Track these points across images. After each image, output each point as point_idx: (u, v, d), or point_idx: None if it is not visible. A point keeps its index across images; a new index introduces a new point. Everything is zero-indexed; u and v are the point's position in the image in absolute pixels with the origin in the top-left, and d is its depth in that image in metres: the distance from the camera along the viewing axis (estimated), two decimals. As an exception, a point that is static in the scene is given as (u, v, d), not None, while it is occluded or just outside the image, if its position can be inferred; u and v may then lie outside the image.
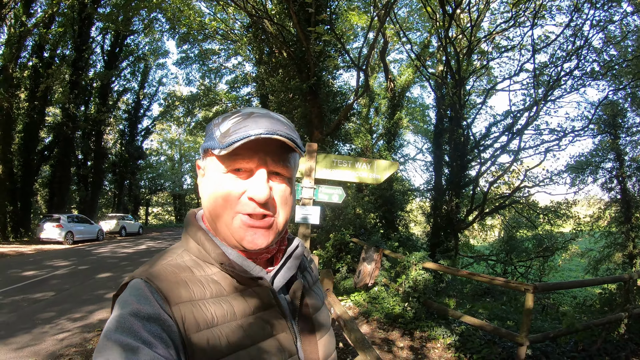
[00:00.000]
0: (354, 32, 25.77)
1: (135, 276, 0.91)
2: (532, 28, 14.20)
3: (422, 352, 6.58)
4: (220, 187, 0.94)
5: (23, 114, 23.53)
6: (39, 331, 6.89)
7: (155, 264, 0.95)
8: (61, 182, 27.36)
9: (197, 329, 0.85)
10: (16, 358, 5.73)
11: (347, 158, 6.41)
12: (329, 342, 1.12)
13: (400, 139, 24.41)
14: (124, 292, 0.88)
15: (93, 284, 11.07)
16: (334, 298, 4.80)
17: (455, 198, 16.61)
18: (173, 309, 0.84)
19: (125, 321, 0.79)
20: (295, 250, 1.09)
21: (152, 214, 59.55)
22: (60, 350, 6.09)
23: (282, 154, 0.96)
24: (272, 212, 0.95)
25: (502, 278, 7.66)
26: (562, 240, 18.58)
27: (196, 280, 0.91)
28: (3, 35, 21.88)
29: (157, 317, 0.81)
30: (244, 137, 0.88)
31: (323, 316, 1.15)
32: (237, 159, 0.92)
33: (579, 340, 6.14)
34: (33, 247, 19.50)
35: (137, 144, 40.60)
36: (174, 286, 0.87)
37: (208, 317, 0.87)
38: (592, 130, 16.50)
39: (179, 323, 0.83)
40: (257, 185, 0.91)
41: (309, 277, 1.19)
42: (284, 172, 0.97)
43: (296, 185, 5.84)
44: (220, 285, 0.94)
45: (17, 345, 6.18)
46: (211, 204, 0.96)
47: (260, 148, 0.92)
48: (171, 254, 0.99)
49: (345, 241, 12.60)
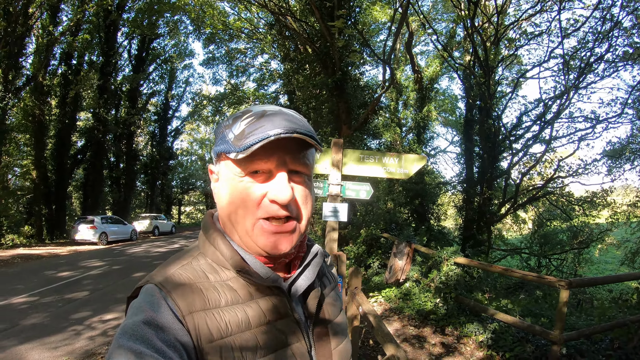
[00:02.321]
0: (378, 25, 25.65)
1: (150, 281, 0.89)
2: (559, 12, 13.81)
3: (454, 349, 6.50)
4: (238, 192, 0.91)
5: (55, 119, 24.26)
6: (73, 330, 7.09)
7: (170, 268, 0.92)
8: (94, 184, 28.09)
9: (211, 339, 0.83)
10: (51, 357, 5.89)
11: (374, 153, 6.31)
12: (345, 351, 1.09)
13: (430, 131, 24.10)
14: (138, 298, 0.87)
15: (127, 283, 11.32)
16: (362, 297, 4.75)
17: (487, 190, 16.34)
18: (187, 318, 0.83)
19: (138, 329, 0.77)
20: (315, 257, 1.06)
21: (185, 213, 60.46)
22: (93, 349, 6.24)
23: (300, 151, 0.93)
24: (295, 213, 0.93)
25: (535, 273, 7.48)
26: (598, 232, 18.12)
27: (211, 287, 0.89)
28: (31, 45, 22.41)
29: (170, 326, 0.80)
30: (263, 138, 0.84)
31: (340, 324, 1.12)
32: (254, 160, 0.88)
33: (615, 337, 5.95)
34: (68, 248, 20.01)
35: (167, 144, 41.33)
36: (188, 294, 0.86)
37: (222, 326, 0.85)
38: (626, 116, 15.95)
39: (192, 333, 0.82)
40: (279, 187, 0.88)
41: (327, 283, 1.16)
42: (303, 170, 0.95)
43: (323, 182, 5.84)
44: (235, 292, 0.92)
45: (52, 344, 6.36)
46: (229, 210, 0.93)
47: (278, 147, 0.88)
48: (187, 257, 0.97)
49: (376, 236, 12.54)
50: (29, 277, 11.99)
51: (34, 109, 22.14)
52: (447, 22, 27.31)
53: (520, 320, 6.00)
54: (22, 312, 8.19)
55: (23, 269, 13.52)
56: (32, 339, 6.52)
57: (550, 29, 15.64)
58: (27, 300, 9.12)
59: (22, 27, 19.37)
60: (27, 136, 24.32)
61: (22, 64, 20.96)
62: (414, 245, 9.67)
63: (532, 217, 21.58)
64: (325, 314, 1.07)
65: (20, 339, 6.50)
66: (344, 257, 5.46)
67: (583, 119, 16.41)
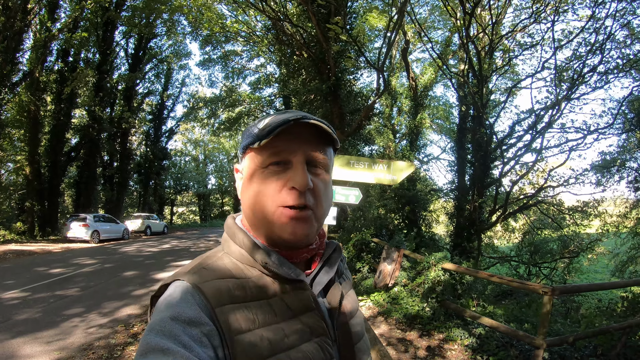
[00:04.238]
0: (374, 32, 25.76)
1: (177, 278, 0.92)
2: (553, 24, 13.98)
3: (439, 353, 6.57)
4: (261, 183, 0.95)
5: (50, 116, 24.17)
6: (66, 326, 7.09)
7: (196, 266, 0.95)
8: (87, 182, 28.10)
9: (239, 331, 0.85)
10: (45, 352, 5.90)
11: (364, 159, 6.41)
12: (365, 348, 1.12)
13: (424, 138, 24.21)
14: (165, 294, 0.89)
15: (118, 281, 11.30)
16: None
17: (479, 198, 16.44)
18: (215, 311, 0.85)
19: (166, 324, 0.79)
20: (333, 253, 1.11)
21: (177, 214, 60.31)
22: (86, 345, 6.26)
23: (319, 144, 0.98)
24: (312, 204, 0.95)
25: (519, 280, 7.58)
26: (587, 242, 18.26)
27: (237, 283, 0.92)
28: (29, 40, 22.41)
29: (199, 320, 0.82)
30: (284, 121, 0.90)
31: (358, 321, 1.14)
32: (276, 151, 0.94)
33: (598, 344, 6.06)
34: (60, 245, 19.96)
35: (161, 144, 41.18)
36: (215, 289, 0.88)
37: (250, 319, 0.87)
38: (617, 128, 16.12)
39: (221, 326, 0.84)
40: (298, 174, 0.92)
41: (345, 281, 1.18)
42: (322, 161, 0.99)
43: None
44: (261, 288, 0.94)
45: (45, 339, 6.37)
46: (252, 200, 0.97)
47: (297, 138, 0.94)
48: (212, 257, 1.00)
49: (367, 241, 12.62)
50: (20, 272, 11.96)
51: (30, 104, 22.10)
52: (442, 30, 27.50)
53: (504, 325, 6.11)
54: (14, 307, 8.18)
55: (15, 265, 13.49)
56: (25, 334, 6.53)
57: (544, 39, 15.82)
58: (18, 296, 9.11)
59: (21, 22, 19.36)
60: (21, 132, 24.27)
61: (19, 59, 20.94)
62: (403, 250, 9.78)
63: (523, 225, 21.72)
64: (345, 311, 1.09)
65: (13, 334, 6.51)
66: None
67: (574, 129, 16.58)
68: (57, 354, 5.86)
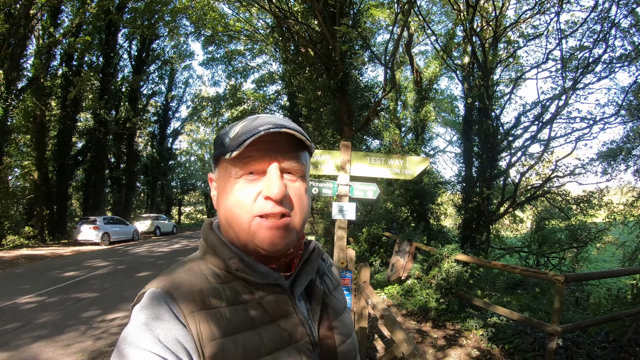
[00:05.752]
0: (378, 25, 25.74)
1: (151, 286, 0.90)
2: (557, 15, 13.97)
3: (455, 342, 6.66)
4: (234, 193, 0.93)
5: (55, 120, 24.26)
6: (84, 329, 7.17)
7: (171, 274, 0.94)
8: (95, 185, 28.29)
9: (213, 337, 0.84)
10: (64, 355, 5.98)
11: (380, 155, 6.44)
12: (349, 350, 1.09)
13: (429, 131, 24.21)
14: (140, 302, 0.88)
15: (133, 282, 11.39)
16: (371, 290, 4.92)
17: (486, 190, 16.43)
18: (188, 318, 0.84)
19: (140, 331, 0.80)
20: (312, 253, 1.09)
21: (185, 214, 60.41)
22: (105, 347, 6.33)
23: (292, 151, 0.95)
24: (289, 211, 0.94)
25: (533, 269, 7.67)
26: (595, 231, 18.23)
27: (212, 288, 0.91)
28: (32, 46, 22.52)
29: (172, 326, 0.82)
30: (254, 133, 0.88)
31: (344, 322, 1.13)
32: (248, 161, 0.92)
33: (610, 330, 6.14)
34: (71, 248, 20.10)
35: (167, 145, 41.40)
36: (189, 295, 0.87)
37: (224, 325, 0.87)
38: (622, 117, 16.07)
39: (195, 332, 0.84)
40: (271, 182, 0.90)
41: (329, 282, 1.18)
42: (296, 168, 0.96)
43: (332, 183, 5.99)
44: (237, 293, 0.93)
45: (65, 342, 6.44)
46: (227, 211, 0.95)
47: (270, 147, 0.92)
48: (187, 263, 0.99)
49: (378, 235, 12.69)
50: (35, 277, 12.06)
51: (35, 110, 22.21)
52: (445, 23, 27.42)
53: (518, 313, 6.19)
54: (32, 311, 8.26)
55: (28, 269, 13.57)
56: (45, 337, 6.60)
57: (549, 30, 15.78)
58: (35, 300, 9.20)
59: (24, 29, 19.46)
60: (27, 137, 24.39)
61: (23, 65, 21.07)
62: (415, 243, 9.87)
63: (531, 216, 21.69)
64: (329, 312, 1.08)
65: (34, 338, 6.58)
66: (352, 253, 5.64)
67: (580, 119, 16.54)
68: (79, 356, 5.95)
